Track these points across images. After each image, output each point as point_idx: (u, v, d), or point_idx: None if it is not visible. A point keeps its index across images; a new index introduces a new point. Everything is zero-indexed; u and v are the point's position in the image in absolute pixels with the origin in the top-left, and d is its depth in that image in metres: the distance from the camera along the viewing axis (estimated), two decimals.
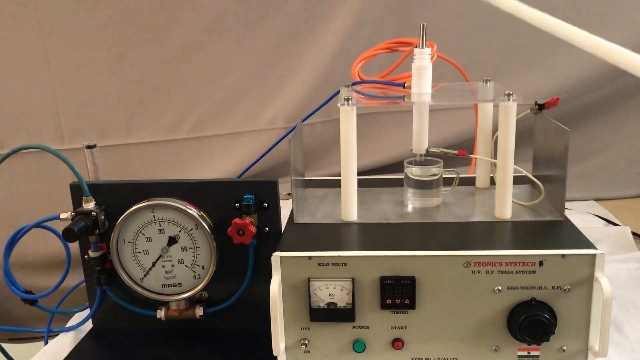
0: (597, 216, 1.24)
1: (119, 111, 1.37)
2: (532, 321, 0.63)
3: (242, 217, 0.74)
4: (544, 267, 0.63)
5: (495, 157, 0.76)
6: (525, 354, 0.66)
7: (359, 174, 0.75)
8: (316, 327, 0.68)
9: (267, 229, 0.76)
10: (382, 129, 1.46)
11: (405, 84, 0.81)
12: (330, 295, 0.66)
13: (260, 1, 1.36)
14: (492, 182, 0.88)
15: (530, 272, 0.64)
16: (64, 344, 0.84)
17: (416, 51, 0.76)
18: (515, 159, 0.73)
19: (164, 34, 1.34)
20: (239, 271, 0.78)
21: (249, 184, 0.75)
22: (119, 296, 0.81)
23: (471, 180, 0.91)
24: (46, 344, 0.87)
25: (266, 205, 0.76)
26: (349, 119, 0.71)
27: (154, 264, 0.77)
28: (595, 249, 0.64)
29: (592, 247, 0.64)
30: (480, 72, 0.92)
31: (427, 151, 0.82)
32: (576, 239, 0.68)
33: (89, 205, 0.76)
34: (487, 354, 0.67)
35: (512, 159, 0.73)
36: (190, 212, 0.74)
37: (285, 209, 0.77)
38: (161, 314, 0.79)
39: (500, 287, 0.64)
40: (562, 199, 0.73)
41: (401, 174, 0.84)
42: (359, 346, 0.67)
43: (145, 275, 0.78)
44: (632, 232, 1.14)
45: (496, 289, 0.64)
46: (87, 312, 0.84)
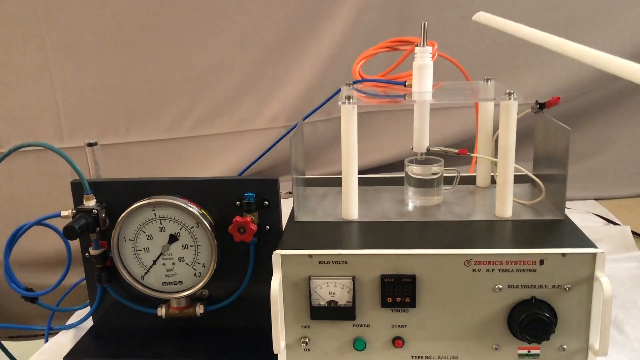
0: (597, 215, 1.24)
1: (119, 110, 1.37)
2: (532, 320, 0.63)
3: (243, 215, 0.74)
4: (544, 266, 0.63)
5: (495, 156, 0.76)
6: (525, 352, 0.66)
7: (360, 173, 0.75)
8: (317, 325, 0.68)
9: (268, 227, 0.76)
10: (382, 127, 1.46)
11: (406, 83, 0.81)
12: (330, 293, 0.66)
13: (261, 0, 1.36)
14: (493, 181, 0.88)
15: (530, 271, 0.64)
16: (64, 341, 0.84)
17: (417, 50, 0.76)
18: (515, 158, 0.73)
19: (165, 32, 1.34)
20: (240, 269, 0.78)
21: (250, 182, 0.75)
22: (119, 294, 0.81)
23: (472, 179, 0.91)
24: (46, 341, 0.87)
25: (267, 203, 0.76)
26: (349, 117, 0.71)
27: (154, 262, 0.77)
28: (595, 248, 0.64)
29: (592, 246, 0.64)
30: (481, 71, 0.92)
31: (428, 150, 0.82)
32: (577, 238, 0.68)
33: (90, 202, 0.76)
34: (488, 353, 0.67)
35: (512, 158, 0.73)
36: (191, 210, 0.74)
37: (286, 207, 0.77)
38: (162, 311, 0.79)
39: (500, 286, 0.64)
40: (562, 198, 0.74)
41: (402, 172, 0.84)
42: (359, 344, 0.68)
43: (145, 273, 0.78)
44: (632, 232, 1.14)
45: (497, 287, 0.64)
46: (87, 309, 0.84)
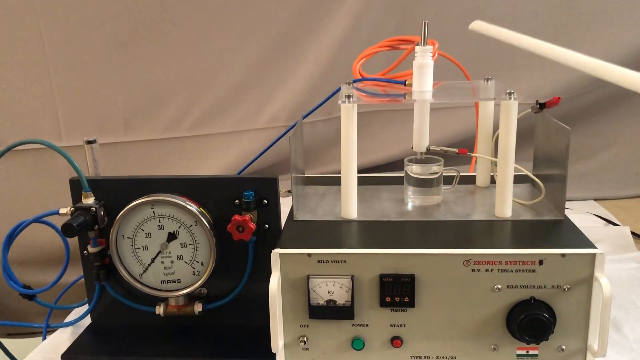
0: (596, 216, 1.24)
1: (118, 108, 1.36)
2: (531, 320, 0.63)
3: (242, 213, 0.74)
4: (543, 266, 0.63)
5: (495, 156, 0.76)
6: (524, 353, 0.66)
7: (359, 172, 0.75)
8: (315, 324, 0.67)
9: (267, 226, 0.76)
10: (382, 126, 1.46)
11: (406, 82, 0.81)
12: (329, 292, 0.66)
13: None
14: (493, 180, 0.88)
15: (529, 271, 0.64)
16: (62, 339, 0.84)
17: (417, 49, 0.76)
18: (515, 158, 0.73)
19: (165, 30, 1.34)
20: (238, 268, 0.78)
21: (249, 180, 0.75)
22: (117, 292, 0.81)
23: (471, 178, 0.91)
24: (44, 339, 0.87)
25: (266, 202, 0.75)
26: (349, 116, 0.71)
27: (153, 260, 0.77)
28: (595, 248, 0.63)
29: (592, 246, 0.64)
30: (481, 70, 0.92)
31: (428, 149, 0.82)
32: (576, 238, 0.68)
33: (89, 200, 0.76)
34: (486, 353, 0.67)
35: (512, 157, 0.72)
36: (190, 208, 0.74)
37: (285, 206, 0.77)
38: (160, 310, 0.79)
39: (499, 286, 0.64)
40: (562, 198, 0.73)
41: (401, 172, 0.84)
42: (357, 344, 0.67)
43: (144, 271, 0.78)
44: (632, 232, 1.14)
45: (496, 287, 0.64)
46: (85, 307, 0.84)
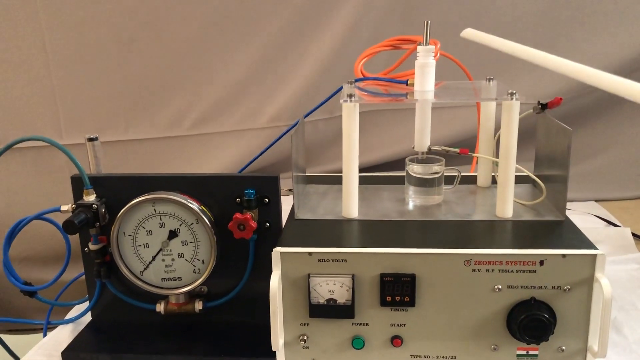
0: (597, 217, 1.24)
1: (119, 107, 1.36)
2: (531, 320, 0.63)
3: (243, 212, 0.74)
4: (544, 267, 0.63)
5: (497, 156, 0.76)
6: (524, 353, 0.66)
7: (360, 170, 0.75)
8: (315, 323, 0.68)
9: (268, 225, 0.76)
10: (384, 126, 1.46)
11: (408, 82, 0.81)
12: (330, 291, 0.66)
13: None
14: (494, 181, 0.88)
15: (530, 272, 0.64)
16: (62, 336, 0.84)
17: (420, 49, 0.76)
18: (517, 158, 0.73)
19: (165, 29, 1.33)
20: (239, 266, 0.78)
21: (251, 179, 0.75)
22: (118, 289, 0.81)
23: (472, 178, 0.91)
24: (45, 335, 0.87)
25: (267, 200, 0.75)
26: (351, 115, 0.71)
27: (154, 258, 0.77)
28: (596, 249, 0.64)
29: (592, 247, 0.64)
30: (483, 70, 0.92)
31: (429, 149, 0.82)
32: (577, 239, 0.68)
33: (90, 197, 0.76)
34: (486, 353, 0.67)
35: (514, 158, 0.72)
36: (191, 206, 0.74)
37: (286, 204, 0.77)
38: (160, 307, 0.79)
39: (500, 286, 0.64)
40: (563, 198, 0.73)
41: (403, 171, 0.84)
42: (357, 343, 0.67)
43: (145, 268, 0.78)
44: (633, 233, 1.14)
45: (496, 287, 0.64)
46: (86, 304, 0.84)
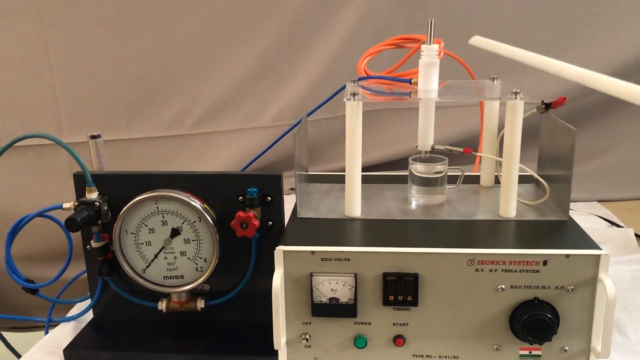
0: (600, 217, 1.24)
1: (120, 106, 1.35)
2: (534, 320, 0.63)
3: (246, 210, 0.74)
4: (547, 267, 0.63)
5: (500, 156, 0.76)
6: (527, 353, 0.66)
7: (363, 169, 0.75)
8: (318, 322, 0.67)
9: (270, 223, 0.76)
10: (387, 125, 1.45)
11: (411, 81, 0.81)
12: (332, 290, 0.66)
13: None
14: (497, 180, 0.87)
15: (533, 272, 0.63)
16: (64, 333, 0.84)
17: (423, 47, 0.75)
18: (520, 158, 0.73)
19: (168, 28, 1.33)
20: (241, 264, 0.78)
21: (253, 177, 0.75)
22: (120, 287, 0.81)
23: (476, 178, 0.90)
24: (46, 333, 0.87)
25: (270, 199, 0.75)
26: (354, 114, 0.71)
27: (156, 256, 0.77)
28: (599, 249, 0.63)
29: (596, 247, 0.64)
30: (486, 70, 0.92)
31: (432, 148, 0.82)
32: (580, 239, 0.68)
33: (92, 195, 0.76)
34: (489, 353, 0.66)
35: (517, 157, 0.72)
36: (193, 204, 0.74)
37: (288, 203, 0.77)
38: (162, 305, 0.79)
39: (503, 286, 0.64)
40: (567, 199, 0.73)
41: (406, 170, 0.84)
42: (360, 342, 0.67)
43: (147, 266, 0.78)
44: (636, 234, 1.13)
45: (499, 287, 0.64)
46: (88, 302, 0.84)
